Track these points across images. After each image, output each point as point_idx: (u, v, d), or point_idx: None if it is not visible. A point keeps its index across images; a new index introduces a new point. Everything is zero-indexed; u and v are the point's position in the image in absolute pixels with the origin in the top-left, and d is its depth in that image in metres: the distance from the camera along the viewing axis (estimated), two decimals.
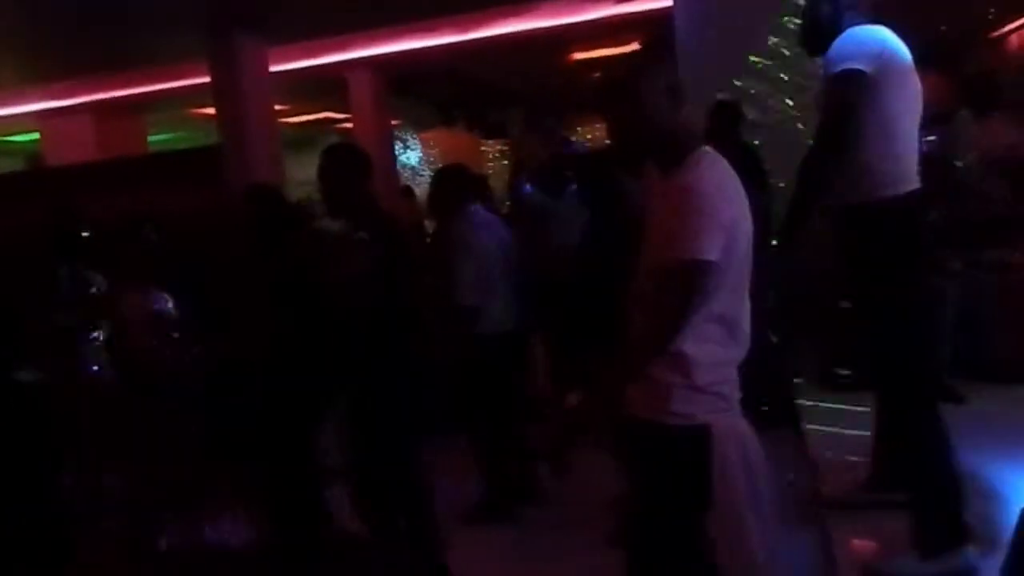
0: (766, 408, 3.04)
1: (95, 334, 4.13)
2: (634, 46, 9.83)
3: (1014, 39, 11.04)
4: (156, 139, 12.81)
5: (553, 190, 4.19)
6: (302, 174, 12.49)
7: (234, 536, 3.04)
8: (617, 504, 3.18)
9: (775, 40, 4.98)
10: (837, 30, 2.49)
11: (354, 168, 2.97)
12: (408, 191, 9.44)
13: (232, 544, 3.00)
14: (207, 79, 7.53)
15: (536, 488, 3.68)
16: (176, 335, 3.93)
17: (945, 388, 3.90)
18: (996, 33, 11.16)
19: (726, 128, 4.13)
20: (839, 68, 2.40)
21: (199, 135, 13.02)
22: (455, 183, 3.74)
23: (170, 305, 3.93)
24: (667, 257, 1.71)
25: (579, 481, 3.51)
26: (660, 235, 1.78)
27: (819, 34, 2.56)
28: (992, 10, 10.01)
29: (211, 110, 9.17)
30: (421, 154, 15.36)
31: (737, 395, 1.84)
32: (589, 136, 14.36)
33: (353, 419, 2.87)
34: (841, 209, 2.58)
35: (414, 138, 15.26)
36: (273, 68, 7.75)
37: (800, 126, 4.81)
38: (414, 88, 11.08)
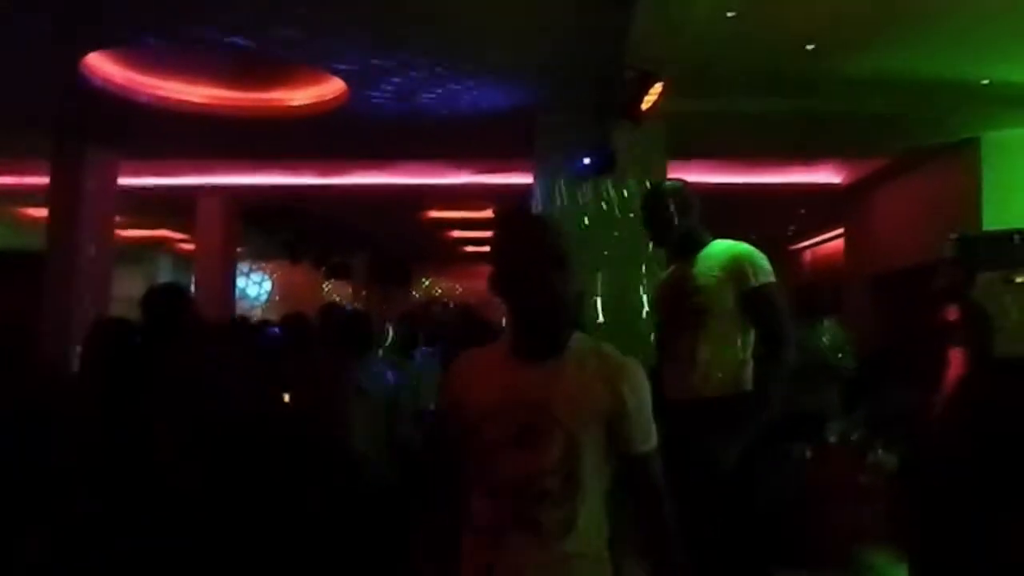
0: None
1: None
2: (488, 212, 10.42)
3: (807, 255, 12.81)
4: None
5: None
6: (126, 290, 11.83)
7: None
8: None
9: None
10: (697, 238, 2.86)
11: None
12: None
13: None
14: (44, 180, 7.13)
15: None
16: None
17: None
18: (793, 247, 12.91)
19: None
20: (769, 279, 2.70)
21: (13, 235, 12.05)
22: None
23: None
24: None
25: None
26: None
27: (680, 239, 2.89)
28: (792, 227, 11.64)
29: (39, 212, 8.64)
30: (267, 288, 15.19)
31: None
32: (437, 289, 14.73)
33: None
34: (703, 400, 2.76)
35: (255, 269, 15.02)
36: (121, 181, 7.47)
37: None
38: (263, 220, 11.00)
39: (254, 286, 14.94)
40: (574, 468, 1.53)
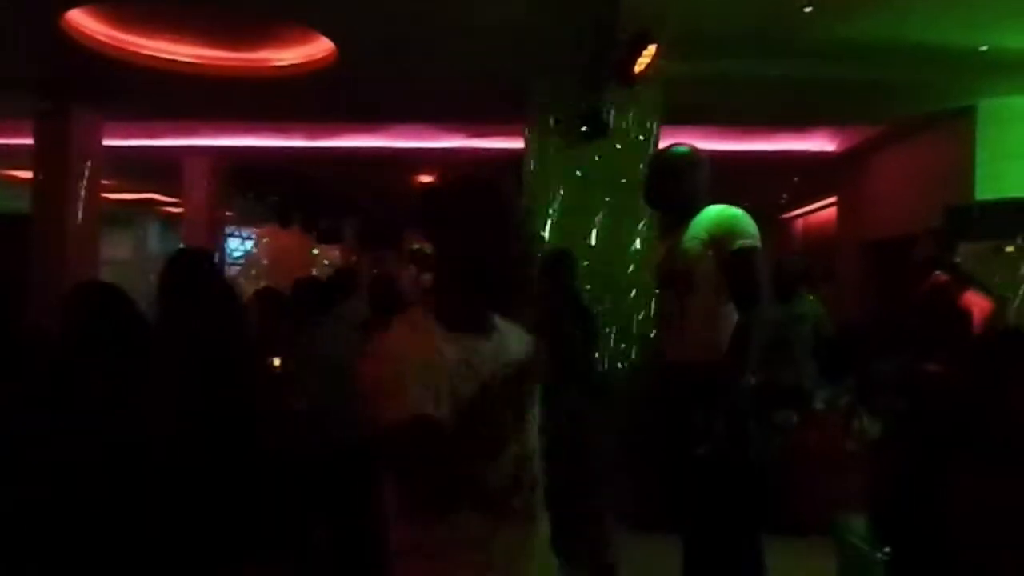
0: None
1: None
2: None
3: (800, 223, 12.78)
4: None
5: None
6: (113, 252, 11.73)
7: None
8: None
9: None
10: (698, 204, 2.82)
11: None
12: None
13: None
14: (27, 141, 7.01)
15: None
16: None
17: None
18: (785, 216, 12.88)
19: (561, 278, 4.19)
20: (748, 243, 2.66)
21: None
22: None
23: None
24: None
25: None
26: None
27: (683, 204, 2.86)
28: (785, 196, 11.60)
29: (23, 173, 8.51)
30: (249, 247, 14.99)
31: None
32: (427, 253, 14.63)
33: None
34: (690, 365, 2.76)
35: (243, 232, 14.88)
36: (106, 142, 7.35)
37: None
38: (252, 183, 10.89)
39: (235, 240, 14.71)
40: (535, 449, 1.48)
